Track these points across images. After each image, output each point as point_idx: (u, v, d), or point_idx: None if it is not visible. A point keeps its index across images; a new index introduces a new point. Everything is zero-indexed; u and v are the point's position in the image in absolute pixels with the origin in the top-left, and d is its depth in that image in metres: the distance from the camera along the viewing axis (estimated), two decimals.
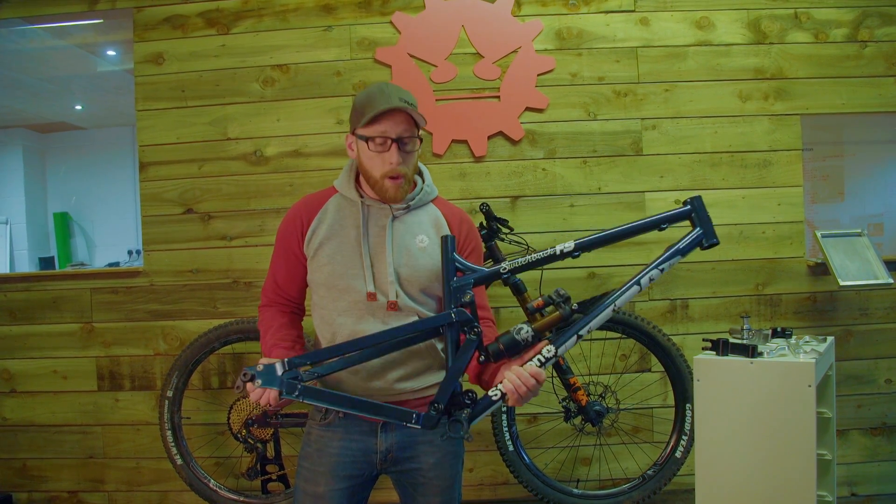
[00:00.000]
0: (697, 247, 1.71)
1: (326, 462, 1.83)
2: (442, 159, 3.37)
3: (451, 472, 1.90)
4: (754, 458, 2.13)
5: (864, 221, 4.62)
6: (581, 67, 3.38)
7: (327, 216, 1.87)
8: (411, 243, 1.87)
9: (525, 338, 1.62)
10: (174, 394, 3.13)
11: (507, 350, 1.62)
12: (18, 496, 3.50)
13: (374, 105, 1.77)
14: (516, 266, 1.72)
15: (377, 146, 1.78)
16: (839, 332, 3.35)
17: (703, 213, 1.73)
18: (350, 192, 1.89)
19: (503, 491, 3.39)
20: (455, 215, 1.96)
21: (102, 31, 4.34)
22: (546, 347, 1.63)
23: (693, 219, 1.73)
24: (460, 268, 1.74)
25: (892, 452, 3.40)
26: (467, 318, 1.67)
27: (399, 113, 1.79)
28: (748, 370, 2.14)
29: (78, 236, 7.36)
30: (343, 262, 1.83)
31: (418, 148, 1.87)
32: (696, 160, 3.38)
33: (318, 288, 1.86)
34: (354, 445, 1.83)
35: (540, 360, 1.61)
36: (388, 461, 1.84)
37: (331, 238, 1.85)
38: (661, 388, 3.36)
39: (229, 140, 3.41)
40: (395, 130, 1.78)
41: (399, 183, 1.81)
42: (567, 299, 1.64)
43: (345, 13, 3.40)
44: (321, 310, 1.86)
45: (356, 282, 1.82)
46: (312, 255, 1.85)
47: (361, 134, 1.81)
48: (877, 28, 3.39)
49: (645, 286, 1.67)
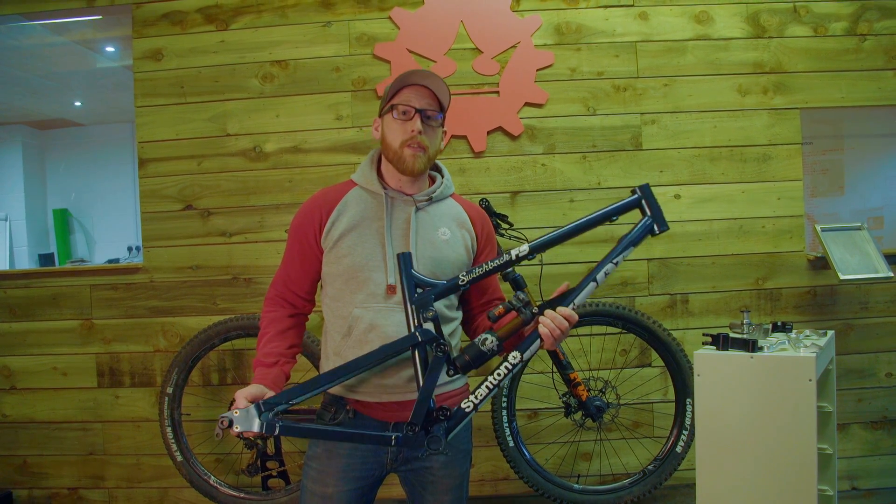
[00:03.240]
0: (649, 234, 1.73)
1: (336, 463, 1.81)
2: (441, 155, 3.35)
3: (461, 471, 1.91)
4: (755, 452, 2.13)
5: (864, 215, 4.60)
6: (580, 62, 3.38)
7: (348, 208, 1.87)
8: (434, 235, 1.87)
9: (490, 348, 1.66)
10: (174, 390, 3.13)
11: (473, 361, 1.66)
12: (19, 493, 3.50)
13: (402, 79, 1.84)
14: (473, 277, 1.72)
15: (400, 114, 1.83)
16: (839, 326, 3.34)
17: (652, 200, 1.74)
18: (373, 183, 1.89)
19: (504, 486, 3.39)
20: (477, 213, 1.99)
21: (101, 27, 4.33)
22: (512, 354, 1.68)
23: (642, 207, 1.74)
24: (419, 283, 1.73)
25: (892, 446, 3.40)
26: (432, 337, 1.68)
27: (423, 88, 1.85)
28: (748, 365, 2.14)
29: (77, 233, 7.36)
30: (363, 254, 1.82)
31: (442, 134, 1.92)
32: (695, 154, 3.38)
33: (334, 280, 1.85)
34: (365, 446, 1.81)
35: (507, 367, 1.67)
36: (399, 460, 1.83)
37: (352, 230, 1.84)
38: (661, 382, 3.36)
39: (228, 136, 3.41)
40: (420, 101, 1.83)
41: (418, 153, 1.83)
42: (527, 304, 1.68)
43: (343, 9, 3.39)
44: (336, 302, 1.85)
45: (376, 273, 1.81)
46: (331, 247, 1.84)
47: (387, 106, 1.86)
48: (876, 21, 3.38)
49: (601, 281, 1.71)
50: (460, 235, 1.91)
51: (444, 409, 1.68)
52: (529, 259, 1.73)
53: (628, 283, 3.37)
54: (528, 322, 1.68)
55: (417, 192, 1.91)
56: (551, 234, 1.74)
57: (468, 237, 1.94)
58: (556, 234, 1.74)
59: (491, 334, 1.67)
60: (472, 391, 1.71)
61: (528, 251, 1.72)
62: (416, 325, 1.69)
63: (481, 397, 1.69)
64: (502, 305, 1.69)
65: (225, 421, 1.57)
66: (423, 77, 1.84)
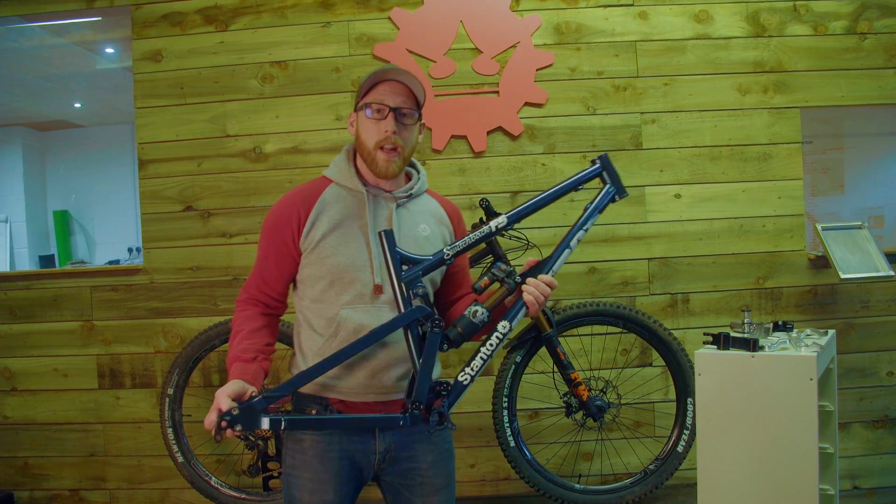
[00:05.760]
0: (611, 202, 1.88)
1: (331, 468, 1.76)
2: (441, 155, 3.37)
3: (448, 470, 1.89)
4: (756, 451, 2.13)
5: (865, 214, 4.61)
6: (580, 62, 3.38)
7: (327, 207, 1.81)
8: (416, 232, 1.86)
9: (482, 319, 1.71)
10: (175, 391, 3.13)
11: (465, 334, 1.70)
12: (20, 494, 3.50)
13: (376, 75, 1.80)
14: (458, 250, 1.77)
15: (374, 113, 1.78)
16: (840, 325, 3.34)
17: (612, 170, 1.89)
18: (351, 181, 1.85)
19: (504, 486, 3.39)
20: (453, 209, 1.99)
21: (101, 28, 4.33)
22: (501, 324, 1.74)
23: (603, 177, 1.89)
24: (405, 259, 1.73)
25: (894, 445, 3.40)
26: (428, 313, 1.68)
27: (399, 84, 1.80)
28: (749, 364, 2.14)
29: (78, 234, 7.36)
30: (348, 254, 1.78)
31: (419, 129, 1.87)
32: (695, 154, 3.38)
33: (316, 282, 1.80)
34: (354, 447, 1.77)
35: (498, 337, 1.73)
36: (387, 461, 1.80)
37: (334, 229, 1.79)
38: (662, 382, 3.36)
39: (228, 137, 3.41)
40: (394, 100, 1.78)
41: (391, 156, 1.79)
42: (510, 273, 1.76)
43: (343, 9, 3.39)
44: (319, 304, 1.80)
45: (363, 273, 1.78)
46: (312, 248, 1.79)
47: (361, 103, 1.81)
48: (876, 20, 3.38)
49: (574, 247, 1.84)
50: (439, 231, 1.91)
51: (443, 383, 1.70)
52: (507, 230, 1.83)
53: (629, 283, 3.37)
54: (512, 291, 1.75)
55: (395, 188, 1.88)
56: (525, 205, 1.83)
57: (447, 232, 1.94)
58: (530, 204, 1.84)
59: (480, 306, 1.72)
60: (468, 363, 1.73)
61: (506, 222, 1.81)
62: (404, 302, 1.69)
63: (477, 368, 1.73)
64: (487, 276, 1.76)
65: (226, 421, 1.51)
66: (398, 73, 1.79)
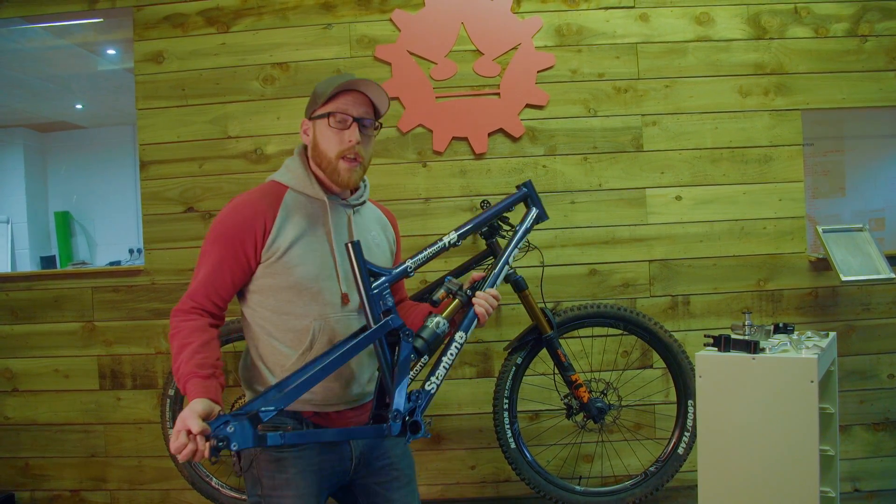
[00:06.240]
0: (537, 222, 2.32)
1: (313, 481, 1.76)
2: (442, 157, 3.37)
3: (412, 460, 1.97)
4: (757, 454, 2.13)
5: (866, 216, 4.60)
6: (581, 64, 3.38)
7: (291, 215, 1.78)
8: (369, 238, 1.89)
9: (443, 329, 1.83)
10: (176, 392, 3.13)
11: (430, 344, 1.81)
12: (21, 495, 3.50)
13: (338, 84, 1.76)
14: (418, 262, 1.90)
15: (337, 122, 1.76)
16: (841, 328, 3.34)
17: (535, 195, 2.36)
18: (312, 188, 1.82)
19: (505, 488, 3.39)
20: (393, 217, 2.06)
21: (102, 30, 4.34)
22: (458, 334, 1.89)
23: (528, 202, 2.30)
24: (371, 272, 1.74)
25: (895, 448, 3.40)
26: (400, 324, 1.74)
27: (360, 95, 1.79)
28: (750, 366, 2.14)
29: (79, 235, 7.37)
30: (315, 264, 1.76)
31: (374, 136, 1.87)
32: (696, 156, 3.38)
33: (279, 292, 1.76)
34: (332, 456, 1.79)
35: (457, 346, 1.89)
36: (362, 464, 1.83)
37: (299, 238, 1.76)
38: (662, 384, 3.36)
39: (230, 138, 3.41)
40: (357, 110, 1.78)
41: (353, 167, 1.79)
42: (461, 287, 1.92)
43: (344, 11, 3.39)
44: (284, 315, 1.77)
45: (330, 283, 1.77)
46: (278, 257, 1.74)
47: (321, 112, 1.78)
48: (877, 22, 3.38)
49: (511, 262, 2.15)
50: (384, 238, 1.95)
51: (417, 393, 1.77)
52: (457, 245, 2.02)
53: (629, 285, 3.37)
54: (465, 303, 1.91)
55: (349, 195, 1.89)
56: (469, 223, 2.08)
57: (391, 239, 1.99)
58: (473, 223, 2.10)
59: (439, 317, 1.82)
60: (432, 372, 1.85)
61: (456, 238, 2.01)
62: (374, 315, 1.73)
63: (441, 377, 1.86)
64: (443, 290, 1.89)
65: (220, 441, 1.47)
66: (361, 84, 1.77)
